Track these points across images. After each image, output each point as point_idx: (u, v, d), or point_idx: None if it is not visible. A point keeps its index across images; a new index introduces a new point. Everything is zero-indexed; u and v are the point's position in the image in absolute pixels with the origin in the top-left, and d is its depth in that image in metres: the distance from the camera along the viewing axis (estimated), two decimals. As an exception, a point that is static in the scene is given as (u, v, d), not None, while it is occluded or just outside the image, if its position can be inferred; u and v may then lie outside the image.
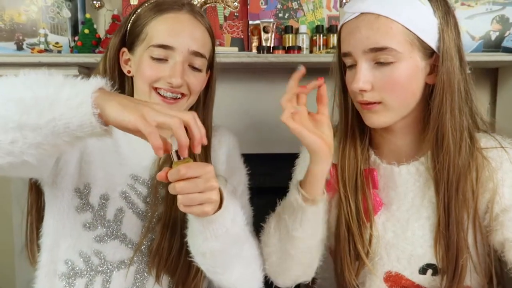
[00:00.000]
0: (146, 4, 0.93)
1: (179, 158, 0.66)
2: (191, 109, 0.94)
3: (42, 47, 1.48)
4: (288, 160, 1.07)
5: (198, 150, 0.63)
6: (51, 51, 1.49)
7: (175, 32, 0.87)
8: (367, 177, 0.89)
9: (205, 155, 0.94)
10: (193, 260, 0.82)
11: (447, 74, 0.80)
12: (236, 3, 1.54)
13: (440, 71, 0.80)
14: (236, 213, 0.78)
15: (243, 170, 1.04)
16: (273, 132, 1.71)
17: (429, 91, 0.83)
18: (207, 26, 0.94)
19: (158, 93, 0.87)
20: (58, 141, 0.61)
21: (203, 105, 1.00)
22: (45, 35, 1.47)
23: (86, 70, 1.51)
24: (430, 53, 0.81)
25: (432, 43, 0.80)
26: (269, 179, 1.60)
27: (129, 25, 0.93)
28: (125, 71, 0.94)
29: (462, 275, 0.82)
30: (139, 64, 0.88)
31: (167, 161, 0.91)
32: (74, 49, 1.48)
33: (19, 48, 1.46)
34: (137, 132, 0.60)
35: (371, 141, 0.95)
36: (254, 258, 0.88)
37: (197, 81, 0.91)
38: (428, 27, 0.80)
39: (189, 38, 0.87)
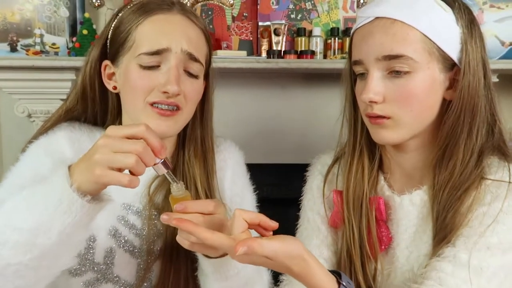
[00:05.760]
0: (129, 7, 0.84)
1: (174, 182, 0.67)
2: (187, 125, 0.88)
3: (37, 48, 1.46)
4: (295, 171, 1.04)
5: (163, 154, 0.63)
6: (47, 52, 1.47)
7: (166, 32, 0.80)
8: (372, 206, 0.84)
9: (207, 179, 0.88)
10: None
11: (468, 90, 0.75)
12: (231, 1, 1.47)
13: (460, 86, 0.75)
14: None
15: (251, 191, 0.98)
16: (280, 141, 1.69)
17: (446, 108, 0.78)
18: (202, 27, 0.86)
19: (155, 106, 0.80)
20: (74, 237, 0.65)
21: (200, 120, 0.91)
22: (41, 36, 1.46)
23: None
24: (450, 65, 0.77)
25: (453, 54, 0.76)
26: (276, 190, 1.59)
27: (110, 33, 0.84)
28: (110, 88, 0.85)
29: None
30: (127, 76, 0.81)
31: (158, 187, 0.86)
32: (71, 51, 1.47)
33: (13, 49, 1.44)
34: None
35: (381, 164, 0.89)
36: None
37: (194, 88, 0.83)
38: (449, 36, 0.76)
39: (183, 37, 0.80)
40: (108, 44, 0.84)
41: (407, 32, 0.74)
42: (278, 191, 1.57)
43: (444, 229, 0.75)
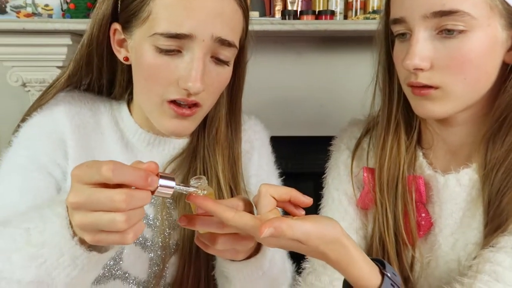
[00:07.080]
0: None
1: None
2: (210, 111, 0.76)
3: (29, 10, 1.37)
4: (312, 144, 1.02)
5: (154, 183, 0.49)
6: (40, 15, 1.38)
7: (192, 10, 0.64)
8: (411, 186, 0.76)
9: (232, 169, 0.78)
10: None
11: None
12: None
13: None
14: (274, 252, 0.67)
15: (277, 176, 0.89)
16: (297, 112, 1.63)
17: (506, 73, 0.69)
18: None
19: (174, 102, 0.69)
20: (86, 280, 0.56)
21: (229, 98, 0.79)
22: (33, -4, 1.37)
23: (80, 38, 1.38)
24: None
25: None
26: (290, 164, 1.52)
27: None
28: (121, 58, 0.73)
29: None
30: (140, 56, 0.67)
31: (176, 169, 0.77)
32: (66, 13, 1.38)
33: (2, 11, 1.35)
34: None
35: (420, 139, 0.80)
36: None
37: (220, 79, 0.70)
38: None
39: (215, 19, 0.65)
40: (119, 6, 0.70)
41: None
42: (293, 165, 1.51)
43: (498, 216, 0.67)
